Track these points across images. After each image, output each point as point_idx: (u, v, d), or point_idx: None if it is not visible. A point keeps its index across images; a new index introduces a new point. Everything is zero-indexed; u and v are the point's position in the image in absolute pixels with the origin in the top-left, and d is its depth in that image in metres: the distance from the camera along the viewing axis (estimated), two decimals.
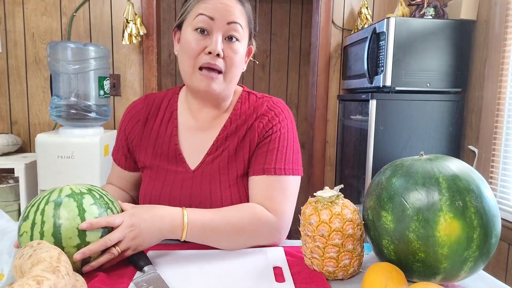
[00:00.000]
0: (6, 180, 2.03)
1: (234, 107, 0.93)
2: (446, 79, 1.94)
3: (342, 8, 2.41)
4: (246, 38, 0.87)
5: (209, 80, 0.82)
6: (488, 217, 0.60)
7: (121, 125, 0.97)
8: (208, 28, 0.81)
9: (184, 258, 0.75)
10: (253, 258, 0.75)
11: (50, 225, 0.63)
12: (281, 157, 0.86)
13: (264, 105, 0.91)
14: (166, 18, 3.70)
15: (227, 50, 0.82)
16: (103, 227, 0.67)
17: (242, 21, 0.84)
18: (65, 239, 0.63)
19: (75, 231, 0.64)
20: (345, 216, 0.66)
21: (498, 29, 1.77)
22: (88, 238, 0.65)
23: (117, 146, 0.98)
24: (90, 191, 0.70)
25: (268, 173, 0.84)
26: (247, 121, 0.90)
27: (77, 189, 0.69)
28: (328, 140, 2.50)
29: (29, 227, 0.64)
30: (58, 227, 0.63)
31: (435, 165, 0.64)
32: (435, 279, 0.62)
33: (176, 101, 0.96)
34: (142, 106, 0.95)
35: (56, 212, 0.64)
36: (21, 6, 2.19)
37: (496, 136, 1.79)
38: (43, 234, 0.63)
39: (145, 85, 2.29)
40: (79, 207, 0.66)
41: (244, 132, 0.89)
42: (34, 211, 0.65)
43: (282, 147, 0.87)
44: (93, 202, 0.68)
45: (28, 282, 0.45)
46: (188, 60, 0.83)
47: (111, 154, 1.01)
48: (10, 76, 2.23)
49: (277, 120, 0.89)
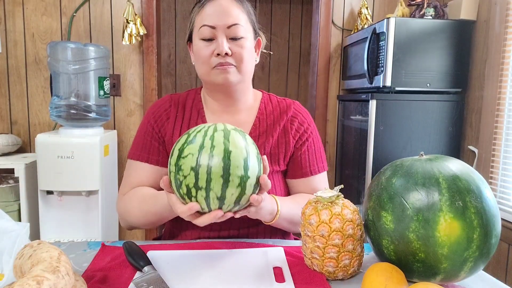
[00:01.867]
0: (6, 180, 2.03)
1: (259, 107, 1.01)
2: (446, 79, 1.94)
3: (342, 8, 2.41)
4: (251, 32, 0.93)
5: (225, 73, 0.88)
6: (488, 217, 0.60)
7: (146, 124, 0.98)
8: (212, 35, 0.88)
9: (184, 258, 0.75)
10: (253, 258, 0.75)
11: (220, 150, 0.63)
12: (313, 160, 0.99)
13: (291, 107, 1.01)
14: (166, 18, 3.70)
15: (234, 47, 0.88)
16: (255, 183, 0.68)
17: (242, 19, 0.89)
18: (233, 167, 0.63)
19: (241, 162, 0.64)
20: (345, 216, 0.66)
21: (498, 29, 1.77)
22: (249, 173, 0.65)
23: (143, 145, 0.96)
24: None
25: (305, 175, 0.98)
26: (277, 122, 0.98)
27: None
28: (328, 141, 2.50)
29: (196, 149, 0.63)
30: (228, 153, 0.63)
31: (435, 165, 0.64)
32: (435, 279, 0.62)
33: (200, 100, 1.01)
34: (170, 105, 0.99)
35: (225, 140, 0.64)
36: (21, 6, 2.19)
37: (496, 136, 1.79)
38: (212, 156, 0.62)
39: (145, 85, 2.29)
40: (245, 140, 0.67)
41: (277, 133, 0.97)
42: (202, 136, 0.64)
43: (312, 150, 1.00)
44: (252, 142, 0.69)
45: (28, 282, 0.45)
46: (202, 65, 0.90)
47: (132, 158, 0.97)
48: (10, 76, 2.23)
49: (306, 123, 1.00)
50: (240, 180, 0.64)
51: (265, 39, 1.01)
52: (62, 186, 1.84)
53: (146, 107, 2.30)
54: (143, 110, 2.31)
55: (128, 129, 2.32)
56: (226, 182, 0.63)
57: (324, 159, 1.02)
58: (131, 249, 0.73)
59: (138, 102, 2.31)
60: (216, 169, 0.62)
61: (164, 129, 0.97)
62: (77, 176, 1.83)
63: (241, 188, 0.64)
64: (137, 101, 2.31)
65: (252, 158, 0.66)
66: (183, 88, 3.79)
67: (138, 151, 0.97)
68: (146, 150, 0.96)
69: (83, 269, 0.70)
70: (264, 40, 1.01)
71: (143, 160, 0.96)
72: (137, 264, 0.69)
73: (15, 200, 1.92)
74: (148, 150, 0.96)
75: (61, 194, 1.89)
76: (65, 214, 1.94)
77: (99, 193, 1.88)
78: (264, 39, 1.01)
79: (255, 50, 0.96)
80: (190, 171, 0.62)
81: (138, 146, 0.97)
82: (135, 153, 0.97)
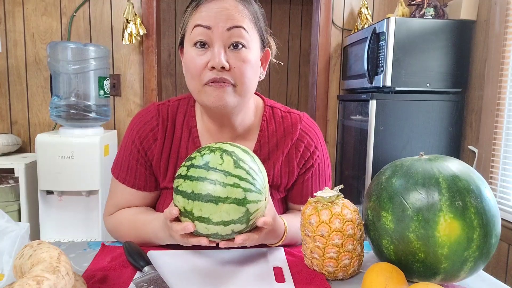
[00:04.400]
0: (6, 180, 2.03)
1: (260, 128, 0.86)
2: (446, 79, 1.94)
3: (342, 8, 2.41)
4: (257, 41, 0.76)
5: (219, 92, 0.72)
6: (488, 217, 0.60)
7: (131, 144, 0.85)
8: (207, 39, 0.72)
9: (184, 258, 0.75)
10: (253, 258, 0.75)
11: (223, 174, 0.61)
12: (316, 187, 0.89)
13: (298, 127, 0.86)
14: (166, 18, 3.70)
15: (233, 60, 0.72)
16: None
17: (246, 22, 0.73)
18: (253, 217, 0.64)
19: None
20: (345, 216, 0.66)
21: (498, 29, 1.77)
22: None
23: (128, 168, 0.86)
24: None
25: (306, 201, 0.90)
26: (281, 148, 0.85)
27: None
28: (328, 141, 2.50)
29: (204, 171, 0.61)
30: (236, 178, 0.62)
31: (435, 165, 0.64)
32: (435, 279, 0.62)
33: (193, 115, 0.86)
34: (157, 123, 0.84)
35: (236, 164, 0.62)
36: (21, 6, 2.19)
37: (496, 136, 1.79)
38: (222, 185, 0.60)
39: (145, 85, 2.29)
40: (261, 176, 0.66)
41: (280, 162, 0.85)
42: (209, 153, 0.63)
43: (316, 176, 0.90)
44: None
45: (28, 282, 0.45)
46: (192, 80, 0.74)
47: (116, 178, 0.88)
48: (10, 76, 2.23)
49: (313, 146, 0.87)
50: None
51: (275, 48, 0.86)
52: (62, 186, 1.84)
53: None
54: None
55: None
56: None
57: (328, 181, 0.92)
58: (131, 249, 0.73)
59: (138, 102, 2.31)
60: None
61: (151, 152, 0.84)
62: (77, 176, 1.83)
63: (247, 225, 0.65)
64: (137, 101, 2.31)
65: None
66: (183, 88, 3.79)
67: (124, 173, 0.86)
68: (132, 175, 0.86)
69: (83, 269, 0.70)
70: (274, 50, 0.86)
71: (129, 185, 0.86)
72: (137, 264, 0.69)
73: (15, 200, 1.92)
74: (134, 175, 0.85)
75: (61, 194, 1.89)
76: (65, 214, 1.94)
77: (99, 193, 1.88)
78: (274, 49, 0.85)
79: (261, 63, 0.80)
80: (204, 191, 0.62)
81: (123, 167, 0.87)
82: (120, 175, 0.87)
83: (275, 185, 0.87)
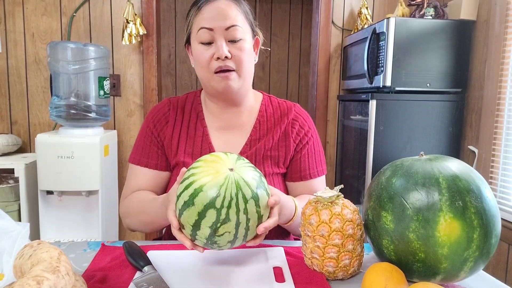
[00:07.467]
0: (6, 180, 2.03)
1: (259, 109, 1.01)
2: (446, 79, 1.94)
3: (342, 8, 2.41)
4: (249, 32, 0.93)
5: (226, 80, 0.89)
6: (488, 217, 0.60)
7: (146, 129, 0.99)
8: (210, 38, 0.88)
9: (184, 258, 0.75)
10: (253, 258, 0.75)
11: (254, 220, 0.65)
12: (313, 163, 1.00)
13: (292, 110, 1.01)
14: (166, 18, 3.70)
15: (234, 50, 0.88)
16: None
17: (240, 20, 0.89)
18: (251, 232, 0.67)
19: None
20: (345, 216, 0.66)
21: (498, 29, 1.77)
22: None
23: (142, 150, 0.98)
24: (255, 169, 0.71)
25: (304, 178, 0.99)
26: (278, 124, 0.99)
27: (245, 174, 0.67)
28: (328, 141, 2.50)
29: (233, 227, 0.63)
30: (261, 218, 0.67)
31: (435, 165, 0.64)
32: (435, 279, 0.62)
33: (200, 102, 1.02)
34: (169, 108, 1.00)
35: (257, 208, 0.65)
36: (21, 6, 2.19)
37: (496, 136, 1.79)
38: (248, 228, 0.65)
39: (145, 85, 2.29)
40: (267, 191, 0.69)
41: (278, 136, 0.98)
42: (236, 212, 0.62)
43: (312, 153, 1.00)
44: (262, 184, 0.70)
45: (28, 282, 0.45)
46: (202, 69, 0.91)
47: (132, 162, 0.99)
48: (10, 76, 2.23)
49: (307, 126, 1.01)
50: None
51: (262, 36, 1.01)
52: (62, 186, 1.84)
53: (146, 107, 2.30)
54: (143, 110, 2.31)
55: (128, 129, 2.32)
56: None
57: (323, 162, 1.03)
58: (131, 249, 0.73)
59: (138, 102, 2.31)
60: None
61: (163, 133, 0.98)
62: (77, 176, 1.83)
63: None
64: (137, 101, 2.31)
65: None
66: (183, 88, 3.79)
67: (138, 155, 0.99)
68: (146, 155, 0.98)
69: (83, 269, 0.70)
70: (262, 37, 1.01)
71: (142, 164, 0.98)
72: (137, 264, 0.69)
73: (15, 200, 1.92)
74: (147, 155, 0.98)
75: (61, 194, 1.89)
76: (65, 214, 1.94)
77: (99, 193, 1.88)
78: (261, 37, 1.01)
79: (254, 49, 0.97)
80: (227, 243, 0.66)
81: (138, 150, 1.00)
82: (135, 158, 0.99)
83: (274, 158, 0.97)
